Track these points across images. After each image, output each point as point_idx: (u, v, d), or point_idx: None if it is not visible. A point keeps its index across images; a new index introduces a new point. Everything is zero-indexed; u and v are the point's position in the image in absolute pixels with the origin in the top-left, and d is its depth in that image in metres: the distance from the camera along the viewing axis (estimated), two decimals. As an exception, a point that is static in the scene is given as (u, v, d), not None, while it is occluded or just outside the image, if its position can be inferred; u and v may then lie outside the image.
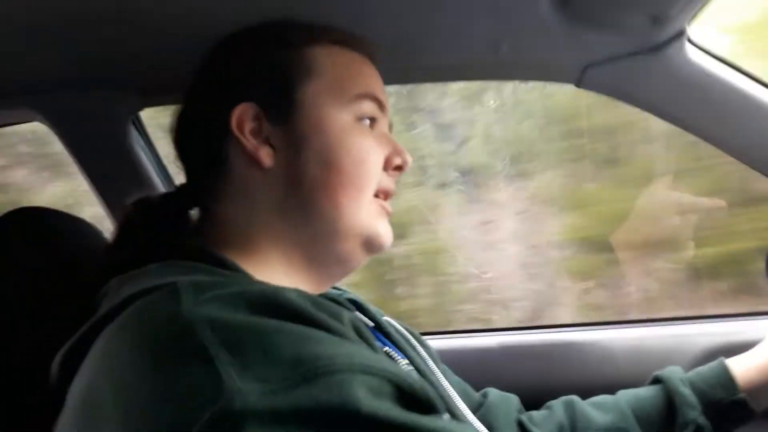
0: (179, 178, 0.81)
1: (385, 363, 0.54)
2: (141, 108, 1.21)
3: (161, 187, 1.26)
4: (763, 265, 1.05)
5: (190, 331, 0.51)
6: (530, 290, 1.95)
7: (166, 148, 1.27)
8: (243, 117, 0.73)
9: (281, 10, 0.79)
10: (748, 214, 1.66)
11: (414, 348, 0.84)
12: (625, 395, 0.96)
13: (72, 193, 1.87)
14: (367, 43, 0.81)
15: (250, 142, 0.73)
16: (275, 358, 0.50)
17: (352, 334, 0.61)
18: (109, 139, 1.20)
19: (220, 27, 0.78)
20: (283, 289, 0.59)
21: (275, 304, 0.56)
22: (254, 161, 0.73)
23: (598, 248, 1.88)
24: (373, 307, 0.87)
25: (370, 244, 0.75)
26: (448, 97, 1.90)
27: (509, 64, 1.08)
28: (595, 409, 0.95)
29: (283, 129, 0.73)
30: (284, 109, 0.73)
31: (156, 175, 1.26)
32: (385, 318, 0.86)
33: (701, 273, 1.79)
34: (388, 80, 0.83)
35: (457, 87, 1.85)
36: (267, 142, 0.73)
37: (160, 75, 1.05)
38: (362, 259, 0.77)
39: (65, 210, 0.91)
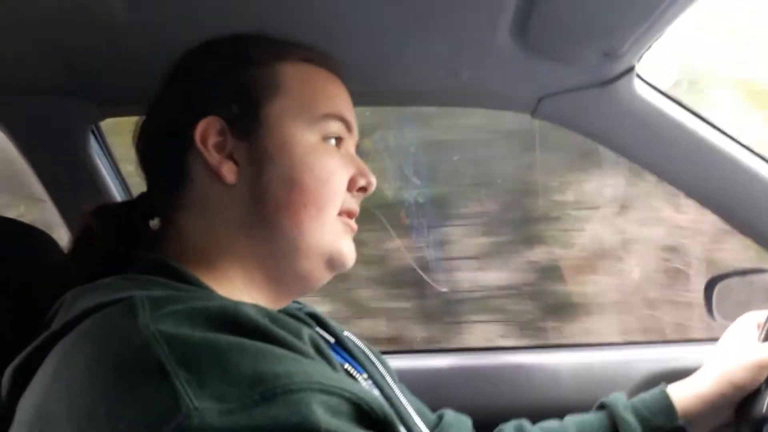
0: (139, 189, 0.80)
1: (344, 381, 0.55)
2: (101, 118, 1.20)
3: (119, 199, 1.24)
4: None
5: (146, 348, 0.51)
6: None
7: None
8: (207, 131, 0.72)
9: (251, 24, 0.78)
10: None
11: (374, 364, 0.85)
12: (571, 420, 0.98)
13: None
14: (336, 62, 0.80)
15: (213, 156, 0.71)
16: (233, 376, 0.50)
17: (311, 351, 0.61)
18: (68, 148, 1.18)
19: (186, 39, 0.78)
20: (243, 304, 0.59)
21: (234, 321, 0.56)
22: (217, 176, 0.71)
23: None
24: (333, 322, 0.86)
25: (332, 263, 0.74)
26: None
27: (469, 91, 1.12)
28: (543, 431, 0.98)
29: (247, 145, 0.72)
30: (249, 125, 0.72)
31: (114, 186, 1.24)
32: (346, 333, 0.86)
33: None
34: (353, 102, 0.84)
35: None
36: (231, 157, 0.72)
37: (122, 85, 1.04)
38: (324, 277, 0.76)
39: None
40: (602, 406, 0.98)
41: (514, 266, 1.93)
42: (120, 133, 1.26)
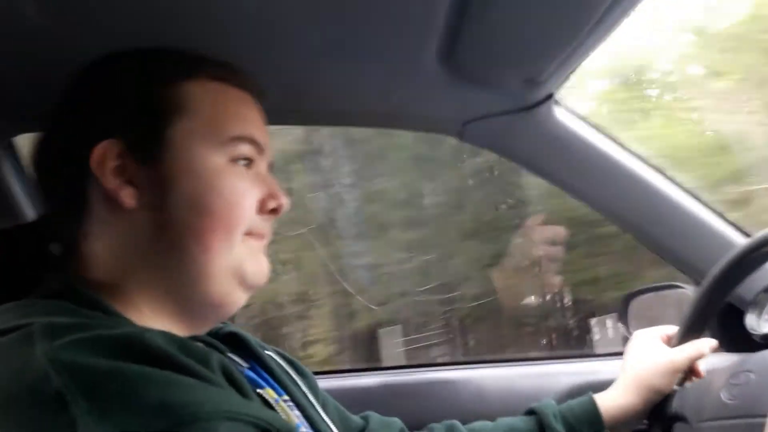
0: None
1: (252, 407, 0.55)
2: (14, 134, 1.14)
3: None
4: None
5: (44, 378, 0.49)
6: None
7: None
8: (105, 155, 0.67)
9: (165, 35, 0.75)
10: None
11: (296, 383, 0.84)
12: (502, 422, 1.01)
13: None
14: (250, 80, 0.76)
15: (110, 181, 0.67)
16: (139, 406, 0.49)
17: (220, 378, 0.60)
18: (-24, 166, 1.12)
19: (99, 50, 0.73)
20: (150, 332, 0.58)
21: (140, 349, 0.54)
22: (116, 202, 0.68)
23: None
24: (254, 341, 0.84)
25: (245, 282, 0.72)
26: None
27: (396, 114, 1.13)
28: None
29: (149, 169, 0.68)
30: (151, 148, 0.69)
31: (29, 207, 1.18)
32: (268, 352, 0.85)
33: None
34: (274, 120, 0.81)
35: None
36: (131, 182, 0.68)
37: (35, 99, 0.99)
38: (240, 298, 0.73)
39: None
40: (532, 412, 1.01)
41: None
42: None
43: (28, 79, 0.93)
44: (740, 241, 1.19)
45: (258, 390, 0.74)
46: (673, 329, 1.02)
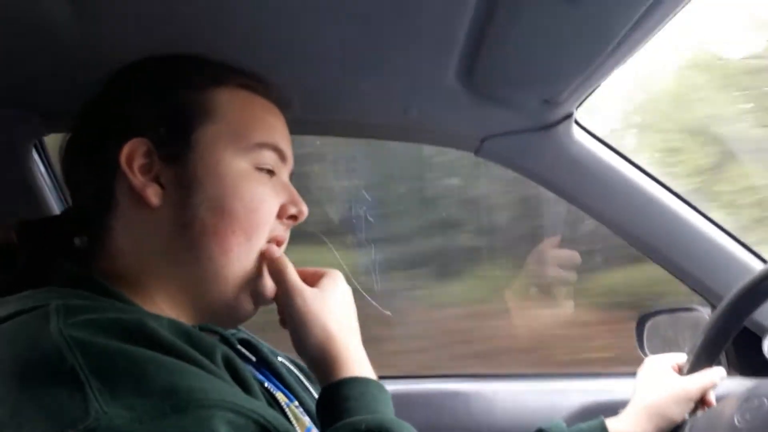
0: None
1: (255, 403, 0.56)
2: (45, 133, 1.17)
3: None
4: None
5: (57, 353, 0.52)
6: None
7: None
8: (133, 153, 0.70)
9: (195, 44, 0.76)
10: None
11: (306, 389, 0.85)
12: None
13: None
14: (275, 90, 0.79)
15: (137, 179, 0.70)
16: (147, 387, 0.51)
17: (223, 372, 0.61)
18: (8, 163, 1.15)
19: (134, 53, 0.76)
20: (159, 320, 0.60)
21: (148, 335, 0.56)
22: (142, 199, 0.70)
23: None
24: (266, 347, 0.86)
25: (257, 297, 0.74)
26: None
27: (415, 128, 1.15)
28: None
29: (175, 169, 0.71)
30: (178, 149, 0.71)
31: (57, 204, 1.22)
32: (280, 359, 0.87)
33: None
34: (296, 130, 0.83)
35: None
36: (157, 180, 0.71)
37: (67, 99, 1.02)
38: (249, 310, 0.75)
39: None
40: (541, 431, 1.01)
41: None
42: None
43: (60, 80, 0.96)
44: (758, 267, 1.18)
45: (266, 385, 0.76)
46: (682, 357, 1.02)
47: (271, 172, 0.75)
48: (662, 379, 1.00)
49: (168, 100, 0.72)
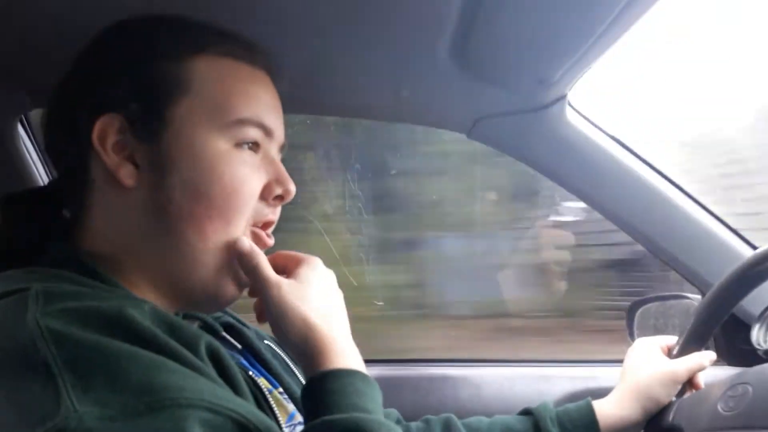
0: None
1: (234, 402, 0.54)
2: (30, 108, 1.16)
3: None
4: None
5: (31, 344, 0.50)
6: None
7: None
8: (106, 130, 0.65)
9: (184, 11, 0.70)
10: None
11: (292, 372, 0.83)
12: (497, 421, 1.00)
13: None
14: (264, 57, 0.72)
15: (110, 158, 0.65)
16: (121, 383, 0.50)
17: (207, 365, 0.59)
18: (-8, 138, 1.14)
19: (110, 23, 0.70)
20: (141, 309, 0.57)
21: (127, 326, 0.54)
22: (116, 179, 0.66)
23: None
24: (252, 331, 0.84)
25: (239, 279, 0.70)
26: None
27: (407, 108, 1.14)
28: (470, 429, 0.99)
29: (149, 147, 0.66)
30: (152, 126, 0.66)
31: (43, 180, 1.20)
32: (266, 342, 0.84)
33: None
34: (287, 109, 0.77)
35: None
36: (131, 159, 0.66)
37: (52, 74, 1.00)
38: (233, 294, 0.71)
39: None
40: (528, 412, 1.00)
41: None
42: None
43: (42, 53, 0.94)
44: (747, 253, 1.17)
45: (250, 373, 0.74)
46: (673, 340, 1.02)
47: (256, 146, 0.70)
48: (650, 361, 0.99)
49: (141, 72, 0.67)
